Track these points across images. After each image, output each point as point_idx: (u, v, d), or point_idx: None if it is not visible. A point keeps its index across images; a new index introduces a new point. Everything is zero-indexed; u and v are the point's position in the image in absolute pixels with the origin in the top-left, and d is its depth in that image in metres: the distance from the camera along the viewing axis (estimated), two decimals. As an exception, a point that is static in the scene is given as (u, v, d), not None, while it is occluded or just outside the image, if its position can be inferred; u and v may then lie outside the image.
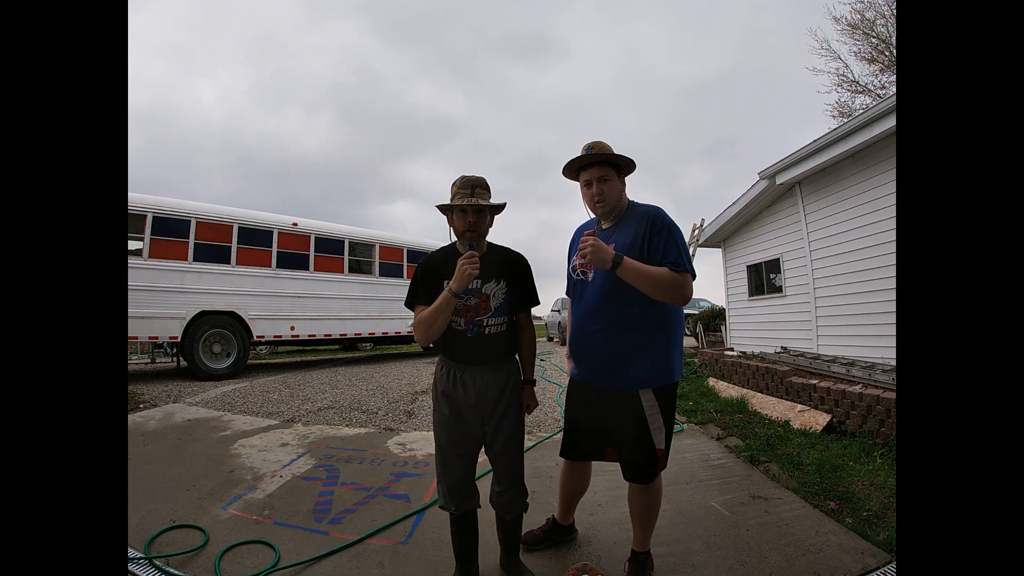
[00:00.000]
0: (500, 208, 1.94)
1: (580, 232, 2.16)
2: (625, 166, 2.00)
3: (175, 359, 9.63)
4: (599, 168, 1.96)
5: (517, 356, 2.08)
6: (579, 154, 1.98)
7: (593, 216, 2.08)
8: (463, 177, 1.89)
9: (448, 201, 1.89)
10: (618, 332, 1.93)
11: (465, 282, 1.76)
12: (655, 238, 1.89)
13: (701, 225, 9.64)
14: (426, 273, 1.92)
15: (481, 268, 1.79)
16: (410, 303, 1.94)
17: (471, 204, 1.83)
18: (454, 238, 1.98)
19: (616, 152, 1.97)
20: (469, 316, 1.90)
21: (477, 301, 1.90)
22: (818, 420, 4.30)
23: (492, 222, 1.96)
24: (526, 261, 2.07)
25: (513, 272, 1.98)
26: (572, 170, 2.04)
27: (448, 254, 1.94)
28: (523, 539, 2.21)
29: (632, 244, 1.90)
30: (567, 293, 2.23)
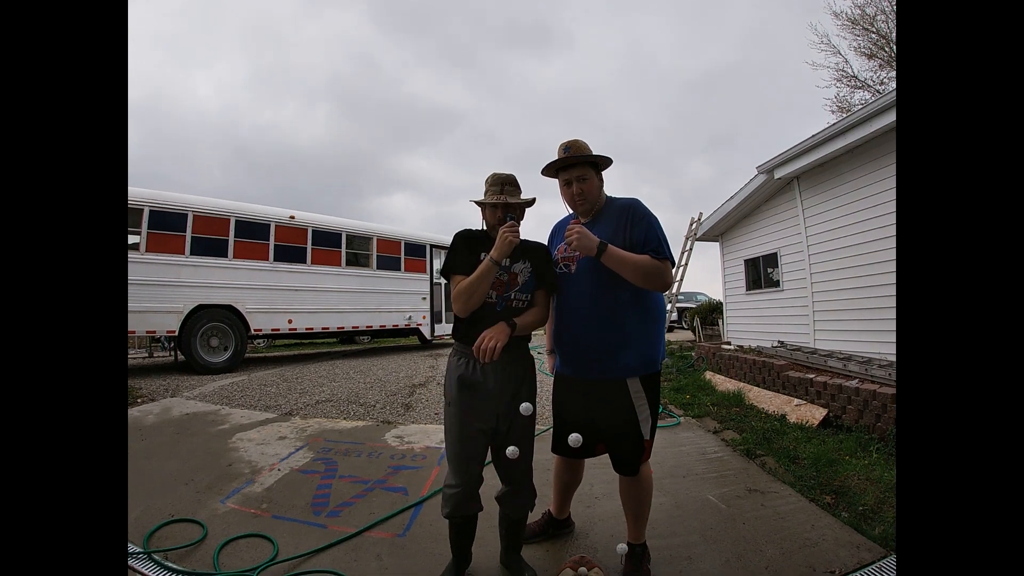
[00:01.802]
0: (530, 203, 2.00)
1: (558, 228, 2.22)
2: (603, 163, 2.05)
3: (172, 353, 9.60)
4: (579, 168, 2.00)
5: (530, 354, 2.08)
6: (558, 154, 2.01)
7: (571, 212, 2.13)
8: (494, 175, 1.99)
9: (482, 195, 2.00)
10: (605, 323, 1.95)
11: (507, 249, 1.80)
12: (635, 228, 1.95)
13: (699, 219, 9.64)
14: (465, 242, 1.96)
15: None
16: (447, 271, 1.96)
17: (501, 201, 1.92)
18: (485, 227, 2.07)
19: (595, 152, 2.01)
20: (501, 290, 1.93)
21: (508, 278, 1.94)
22: (814, 414, 4.32)
23: (523, 215, 2.01)
24: (546, 247, 2.13)
25: (535, 255, 2.02)
26: (552, 170, 2.07)
27: (484, 234, 2.02)
28: None
29: (614, 236, 1.94)
30: None
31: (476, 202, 2.00)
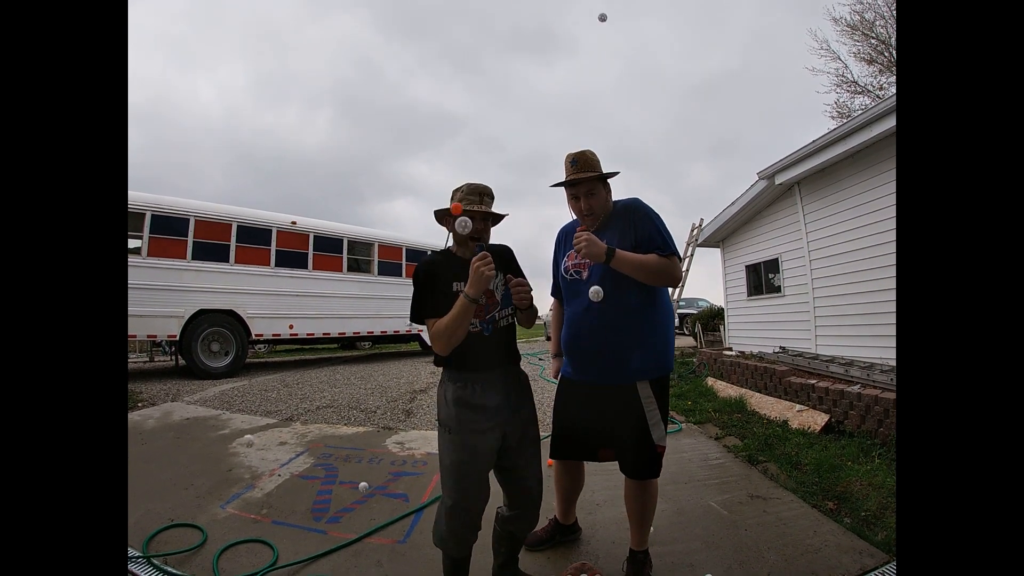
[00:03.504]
0: (500, 219, 1.90)
1: (563, 233, 2.21)
2: (609, 176, 2.05)
3: (173, 358, 9.61)
4: (587, 184, 1.98)
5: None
6: (564, 163, 2.02)
7: (576, 218, 2.12)
8: (469, 184, 1.84)
9: (447, 206, 1.83)
10: (617, 328, 1.95)
11: (483, 285, 1.65)
12: (639, 228, 1.97)
13: (700, 225, 9.64)
14: (430, 281, 1.80)
15: None
16: (418, 317, 1.82)
17: (480, 211, 1.79)
18: (451, 243, 1.93)
19: (601, 159, 2.02)
20: (482, 315, 1.81)
21: (485, 299, 1.81)
22: (816, 420, 4.30)
23: (489, 231, 1.91)
24: (510, 249, 2.02)
25: (504, 262, 1.91)
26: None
27: (448, 257, 1.88)
28: (527, 541, 2.20)
29: (621, 238, 1.95)
30: (552, 294, 2.29)
31: (442, 212, 1.86)
